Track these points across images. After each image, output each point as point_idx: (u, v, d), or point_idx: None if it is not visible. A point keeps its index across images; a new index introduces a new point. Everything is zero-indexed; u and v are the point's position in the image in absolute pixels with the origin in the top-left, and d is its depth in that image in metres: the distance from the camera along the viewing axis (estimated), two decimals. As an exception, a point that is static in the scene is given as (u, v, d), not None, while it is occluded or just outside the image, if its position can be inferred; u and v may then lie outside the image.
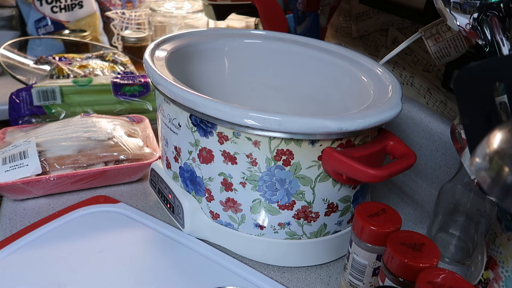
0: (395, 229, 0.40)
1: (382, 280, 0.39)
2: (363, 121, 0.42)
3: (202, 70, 0.62)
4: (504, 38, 0.38)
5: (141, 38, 1.04)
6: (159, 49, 0.55)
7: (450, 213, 0.54)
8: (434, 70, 0.68)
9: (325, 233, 0.50)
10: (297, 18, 0.75)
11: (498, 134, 0.24)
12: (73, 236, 0.52)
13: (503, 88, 0.37)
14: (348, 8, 0.86)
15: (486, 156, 0.24)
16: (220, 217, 0.50)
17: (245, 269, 0.49)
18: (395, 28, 0.75)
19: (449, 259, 0.54)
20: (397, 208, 0.63)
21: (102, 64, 0.91)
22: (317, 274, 0.51)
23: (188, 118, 0.46)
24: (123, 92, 0.78)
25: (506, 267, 0.40)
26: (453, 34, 0.54)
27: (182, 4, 1.12)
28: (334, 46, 0.63)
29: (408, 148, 0.46)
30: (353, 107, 0.48)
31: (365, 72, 0.56)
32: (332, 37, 0.93)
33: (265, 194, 0.46)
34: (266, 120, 0.41)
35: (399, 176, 0.71)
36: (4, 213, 0.56)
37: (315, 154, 0.44)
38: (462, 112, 0.31)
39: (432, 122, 0.65)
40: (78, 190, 0.61)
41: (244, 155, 0.45)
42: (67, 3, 1.09)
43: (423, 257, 0.36)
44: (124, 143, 0.63)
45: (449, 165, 0.64)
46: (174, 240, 0.53)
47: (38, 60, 0.90)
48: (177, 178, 0.53)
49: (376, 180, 0.41)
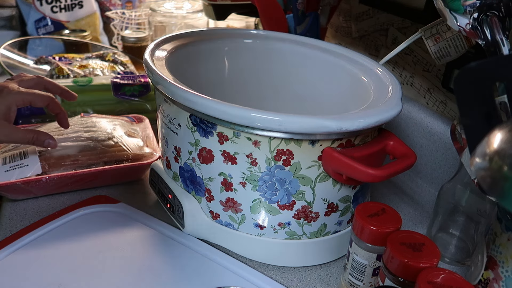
0: (395, 229, 0.40)
1: (382, 280, 0.39)
2: (363, 121, 0.42)
3: (202, 70, 0.62)
4: (504, 38, 0.38)
5: (141, 38, 1.04)
6: (159, 49, 0.55)
7: (450, 213, 0.54)
8: (434, 70, 0.68)
9: (325, 233, 0.50)
10: (297, 18, 0.75)
11: (498, 134, 0.24)
12: (73, 236, 0.52)
13: (503, 88, 0.37)
14: (348, 8, 0.86)
15: (486, 156, 0.24)
16: (220, 217, 0.50)
17: (245, 269, 0.49)
18: (395, 28, 0.75)
19: (449, 259, 0.54)
20: (397, 208, 0.63)
21: (102, 64, 0.91)
22: (317, 274, 0.51)
23: (188, 118, 0.46)
24: (123, 92, 0.78)
25: (506, 267, 0.40)
26: (453, 34, 0.54)
27: (182, 4, 1.12)
28: (334, 46, 0.63)
29: (408, 148, 0.46)
30: (353, 107, 0.48)
31: (365, 72, 0.56)
32: (332, 37, 0.93)
33: (265, 194, 0.46)
34: (266, 120, 0.41)
35: (399, 176, 0.71)
36: (4, 213, 0.56)
37: (315, 154, 0.44)
38: (462, 112, 0.31)
39: (432, 122, 0.65)
40: (78, 190, 0.61)
41: (244, 155, 0.45)
42: (67, 3, 1.09)
43: (423, 257, 0.36)
44: (124, 143, 0.63)
45: (449, 165, 0.64)
46: (174, 240, 0.53)
47: (38, 60, 0.90)
48: (177, 178, 0.53)
49: (376, 180, 0.41)
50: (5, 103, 0.50)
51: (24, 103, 0.52)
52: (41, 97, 0.53)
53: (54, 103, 0.55)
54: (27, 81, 0.55)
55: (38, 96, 0.53)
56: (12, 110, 0.51)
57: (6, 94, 0.51)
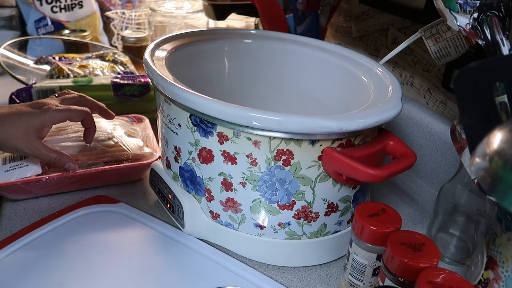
0: (395, 229, 0.40)
1: (382, 280, 0.39)
2: (363, 121, 0.42)
3: (202, 70, 0.62)
4: (504, 38, 0.38)
5: (141, 38, 1.04)
6: (159, 49, 0.55)
7: (450, 213, 0.54)
8: (434, 70, 0.68)
9: (325, 233, 0.50)
10: (297, 18, 0.75)
11: (498, 134, 0.24)
12: (73, 236, 0.52)
13: (503, 88, 0.37)
14: (348, 8, 0.86)
15: (486, 156, 0.24)
16: (220, 217, 0.50)
17: (245, 269, 0.49)
18: (395, 28, 0.75)
19: (449, 259, 0.54)
20: (397, 208, 0.63)
21: (102, 64, 0.91)
22: (317, 274, 0.51)
23: (188, 118, 0.46)
24: (123, 92, 0.78)
25: (506, 267, 0.40)
26: (453, 34, 0.54)
27: (182, 4, 1.12)
28: (334, 46, 0.63)
29: (408, 148, 0.46)
30: (353, 107, 0.48)
31: (365, 72, 0.56)
32: (332, 37, 0.93)
33: (265, 194, 0.46)
34: (266, 120, 0.41)
35: (399, 176, 0.71)
36: (4, 213, 0.56)
37: (315, 154, 0.44)
38: (462, 112, 0.31)
39: (432, 122, 0.65)
40: (78, 190, 0.61)
41: (244, 155, 0.45)
42: (67, 3, 1.09)
43: (423, 257, 0.36)
44: (124, 143, 0.63)
45: (449, 165, 0.64)
46: (174, 240, 0.53)
47: (38, 60, 0.90)
48: (177, 178, 0.53)
49: (376, 180, 0.41)
50: (40, 119, 0.52)
51: (61, 121, 0.54)
52: (77, 112, 0.55)
53: (89, 118, 0.57)
54: (69, 99, 0.57)
55: (75, 112, 0.55)
56: (47, 126, 0.53)
57: (45, 111, 0.53)
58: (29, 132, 0.51)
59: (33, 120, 0.52)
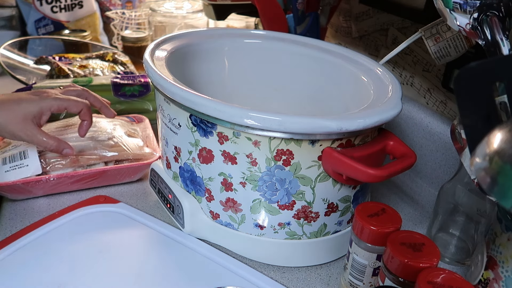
0: (395, 229, 0.40)
1: (382, 280, 0.39)
2: (363, 121, 0.42)
3: (202, 70, 0.62)
4: (504, 38, 0.38)
5: (141, 38, 1.04)
6: (159, 49, 0.55)
7: (450, 213, 0.54)
8: (434, 70, 0.68)
9: (325, 233, 0.50)
10: (297, 18, 0.75)
11: (498, 134, 0.24)
12: (73, 236, 0.52)
13: (503, 88, 0.37)
14: (348, 8, 0.86)
15: (486, 156, 0.24)
16: (220, 217, 0.50)
17: (245, 269, 0.49)
18: (395, 28, 0.75)
19: (449, 259, 0.54)
20: (397, 208, 0.63)
21: (102, 64, 0.91)
22: (317, 274, 0.51)
23: (188, 118, 0.46)
24: (123, 92, 0.78)
25: (506, 267, 0.40)
26: (453, 34, 0.54)
27: (182, 4, 1.12)
28: (334, 46, 0.63)
29: (408, 148, 0.46)
30: (353, 107, 0.48)
31: (365, 72, 0.56)
32: (332, 37, 0.93)
33: (265, 194, 0.46)
34: (266, 120, 0.41)
35: (399, 176, 0.71)
36: (4, 213, 0.56)
37: (315, 154, 0.44)
38: (462, 112, 0.31)
39: (432, 122, 0.65)
40: (78, 190, 0.61)
41: (244, 155, 0.45)
42: (67, 3, 1.09)
43: (423, 257, 0.36)
44: (124, 143, 0.63)
45: (449, 165, 0.64)
46: (174, 240, 0.53)
47: (38, 60, 0.90)
48: (177, 178, 0.53)
49: (376, 180, 0.41)
50: (39, 105, 0.53)
51: (59, 110, 0.54)
52: (76, 103, 0.55)
53: (87, 110, 0.57)
54: (71, 91, 0.58)
55: (73, 102, 0.55)
56: (45, 114, 0.53)
57: (43, 98, 0.53)
58: (26, 118, 0.52)
59: (31, 106, 0.52)
